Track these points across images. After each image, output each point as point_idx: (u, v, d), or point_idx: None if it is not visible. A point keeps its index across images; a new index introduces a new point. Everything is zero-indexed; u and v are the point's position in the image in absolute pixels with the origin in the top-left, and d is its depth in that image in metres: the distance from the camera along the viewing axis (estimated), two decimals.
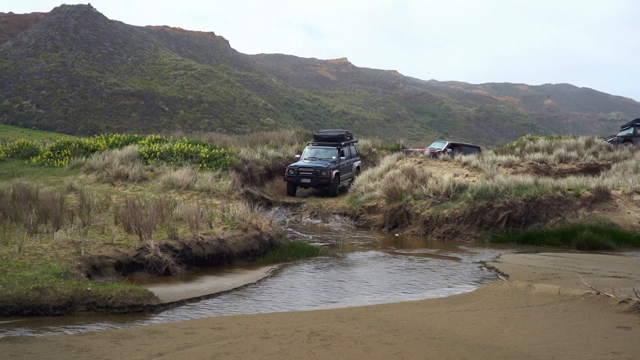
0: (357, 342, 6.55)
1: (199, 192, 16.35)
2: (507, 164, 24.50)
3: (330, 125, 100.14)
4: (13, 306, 7.66)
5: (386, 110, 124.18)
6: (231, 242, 11.79)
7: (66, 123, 70.53)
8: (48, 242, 10.11)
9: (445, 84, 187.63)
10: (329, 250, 13.56)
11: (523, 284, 9.44)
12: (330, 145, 23.45)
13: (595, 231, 14.50)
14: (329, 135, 24.43)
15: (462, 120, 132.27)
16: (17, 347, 6.24)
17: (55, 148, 22.48)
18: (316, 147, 23.78)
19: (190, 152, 21.37)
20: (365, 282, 10.58)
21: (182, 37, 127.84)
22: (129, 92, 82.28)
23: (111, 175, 18.10)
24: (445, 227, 16.25)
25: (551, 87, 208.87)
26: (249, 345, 6.44)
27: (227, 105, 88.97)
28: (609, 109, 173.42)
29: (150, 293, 8.48)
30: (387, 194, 18.25)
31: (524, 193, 16.16)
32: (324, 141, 24.04)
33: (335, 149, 23.16)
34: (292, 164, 22.75)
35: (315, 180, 21.84)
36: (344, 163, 23.16)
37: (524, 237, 15.22)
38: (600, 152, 25.98)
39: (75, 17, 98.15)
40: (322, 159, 22.70)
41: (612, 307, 7.79)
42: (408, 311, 8.15)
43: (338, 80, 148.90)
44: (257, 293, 9.60)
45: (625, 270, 10.98)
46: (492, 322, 7.46)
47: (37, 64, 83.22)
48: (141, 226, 10.94)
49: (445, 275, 11.31)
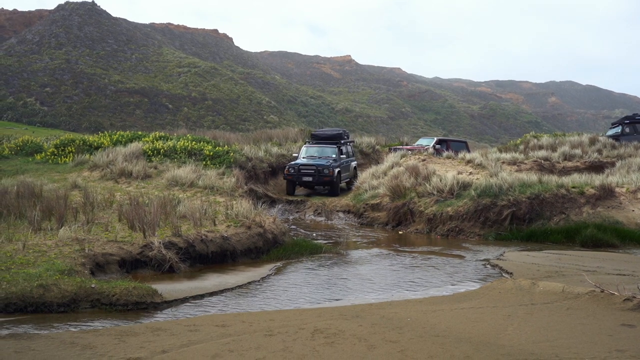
0: (361, 339, 6.55)
1: (203, 189, 16.37)
2: (511, 161, 24.46)
3: (334, 122, 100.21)
4: (17, 303, 7.67)
5: (390, 108, 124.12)
6: (235, 240, 11.79)
7: (70, 120, 70.69)
8: (52, 239, 10.13)
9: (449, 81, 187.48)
10: (333, 248, 13.56)
11: (527, 281, 9.42)
12: (329, 144, 23.08)
13: (599, 229, 14.46)
14: (327, 134, 24.04)
15: (466, 118, 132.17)
16: (22, 344, 6.25)
17: (59, 145, 22.54)
18: (315, 145, 23.33)
19: (194, 149, 21.39)
20: (368, 280, 10.58)
21: (186, 34, 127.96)
22: (133, 89, 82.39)
23: (115, 173, 18.14)
24: (449, 224, 16.23)
25: (555, 84, 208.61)
26: (253, 342, 6.44)
27: (230, 102, 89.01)
28: (613, 107, 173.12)
29: (154, 290, 8.49)
30: (391, 192, 18.24)
31: (528, 191, 16.13)
32: (322, 140, 23.67)
33: (335, 147, 22.78)
34: (292, 162, 22.27)
35: (317, 178, 21.42)
36: (343, 162, 22.77)
37: (528, 235, 15.19)
38: (605, 149, 25.88)
39: (79, 14, 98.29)
40: (322, 157, 22.27)
41: (616, 304, 7.77)
42: (412, 309, 8.14)
43: (342, 78, 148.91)
44: (261, 291, 9.60)
45: (630, 268, 10.95)
46: (496, 319, 7.45)
47: (41, 61, 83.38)
48: (145, 223, 10.95)
49: (449, 272, 11.29)
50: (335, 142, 23.12)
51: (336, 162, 21.96)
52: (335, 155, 22.37)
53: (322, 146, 23.03)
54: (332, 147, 22.72)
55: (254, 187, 20.33)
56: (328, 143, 23.16)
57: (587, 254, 12.72)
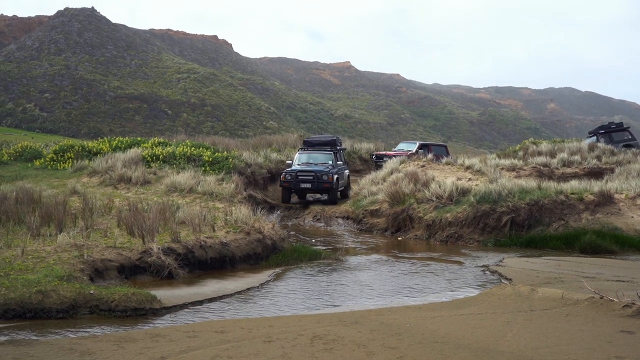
0: (360, 345, 6.54)
1: (202, 195, 16.36)
2: (510, 167, 24.47)
3: (333, 129, 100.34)
4: (16, 309, 7.66)
5: (389, 114, 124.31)
6: (234, 246, 11.78)
7: (69, 126, 70.78)
8: (51, 245, 10.12)
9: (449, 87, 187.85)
10: (332, 254, 13.55)
11: (526, 288, 9.41)
12: (324, 150, 22.38)
13: (598, 235, 14.45)
14: (321, 140, 23.29)
15: (465, 124, 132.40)
16: (20, 350, 6.24)
17: (58, 151, 22.53)
18: (310, 152, 22.49)
19: (193, 155, 21.39)
20: (368, 286, 10.57)
21: (185, 40, 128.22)
22: (132, 95, 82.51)
23: (114, 179, 18.13)
24: (448, 230, 16.23)
25: (554, 90, 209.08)
26: (252, 348, 6.43)
27: (230, 108, 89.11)
28: (612, 113, 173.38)
29: (153, 296, 8.47)
30: (390, 198, 18.24)
31: (527, 197, 16.13)
32: (315, 146, 22.85)
33: (330, 153, 22.07)
34: (288, 169, 21.28)
35: (316, 184, 20.58)
36: (340, 169, 21.93)
37: (527, 241, 15.18)
38: (604, 155, 25.88)
39: (79, 21, 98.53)
40: (319, 164, 21.44)
41: (615, 311, 7.77)
42: (411, 315, 8.13)
43: (341, 84, 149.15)
44: (260, 297, 9.59)
45: (629, 274, 10.94)
46: (495, 326, 7.44)
47: (41, 67, 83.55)
48: (144, 229, 10.94)
49: (448, 279, 11.29)
50: (329, 149, 22.47)
51: (334, 169, 21.27)
52: (332, 161, 21.68)
53: (318, 152, 22.30)
54: (328, 154, 22.07)
55: (253, 193, 20.33)
56: (321, 149, 22.49)
57: (586, 260, 12.72)
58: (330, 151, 22.25)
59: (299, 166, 21.35)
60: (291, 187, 20.98)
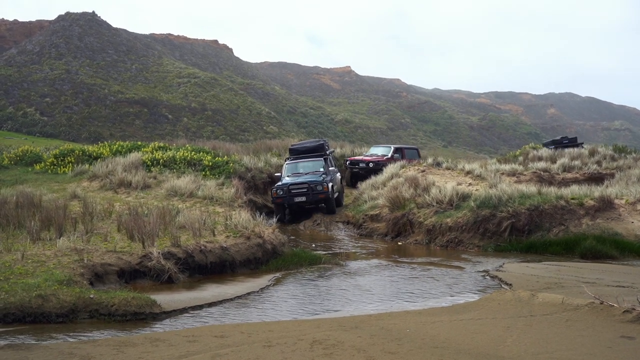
0: (360, 350, 6.53)
1: (202, 199, 16.36)
2: (510, 172, 24.47)
3: (333, 133, 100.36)
4: (16, 313, 7.66)
5: (389, 119, 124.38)
6: (234, 250, 11.78)
7: (70, 130, 70.80)
8: (51, 249, 10.12)
9: (449, 92, 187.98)
10: (332, 259, 13.53)
11: (526, 293, 9.40)
12: (313, 157, 21.12)
13: (598, 240, 14.43)
14: (307, 146, 21.93)
15: (465, 129, 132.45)
16: (20, 355, 6.24)
17: (58, 155, 22.55)
18: (298, 161, 21.04)
19: (193, 159, 21.40)
20: (368, 291, 10.56)
21: (185, 45, 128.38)
22: (133, 99, 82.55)
23: (114, 183, 18.15)
24: (448, 235, 16.21)
25: (555, 96, 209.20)
26: (252, 353, 6.43)
27: (230, 113, 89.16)
28: (612, 118, 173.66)
29: (152, 301, 8.47)
30: (390, 203, 18.23)
31: (527, 202, 16.12)
32: (302, 154, 21.50)
33: (321, 159, 20.74)
34: (278, 184, 19.55)
35: (311, 196, 19.02)
36: (333, 175, 20.58)
37: (528, 246, 15.16)
38: (604, 161, 25.93)
39: (79, 25, 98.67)
40: (309, 173, 19.99)
41: (615, 316, 7.76)
42: (411, 320, 8.12)
43: (341, 89, 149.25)
44: (260, 301, 9.58)
45: (629, 280, 10.93)
46: (495, 331, 7.43)
47: (41, 71, 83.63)
48: (144, 234, 10.95)
49: (448, 284, 11.27)
50: (318, 155, 21.30)
51: (328, 176, 19.82)
52: (324, 168, 20.30)
53: (306, 160, 20.90)
54: (318, 160, 20.75)
55: (253, 197, 20.30)
56: (312, 156, 21.28)
57: (587, 266, 12.71)
58: (319, 157, 21.16)
59: (289, 178, 19.85)
60: (284, 203, 19.28)
